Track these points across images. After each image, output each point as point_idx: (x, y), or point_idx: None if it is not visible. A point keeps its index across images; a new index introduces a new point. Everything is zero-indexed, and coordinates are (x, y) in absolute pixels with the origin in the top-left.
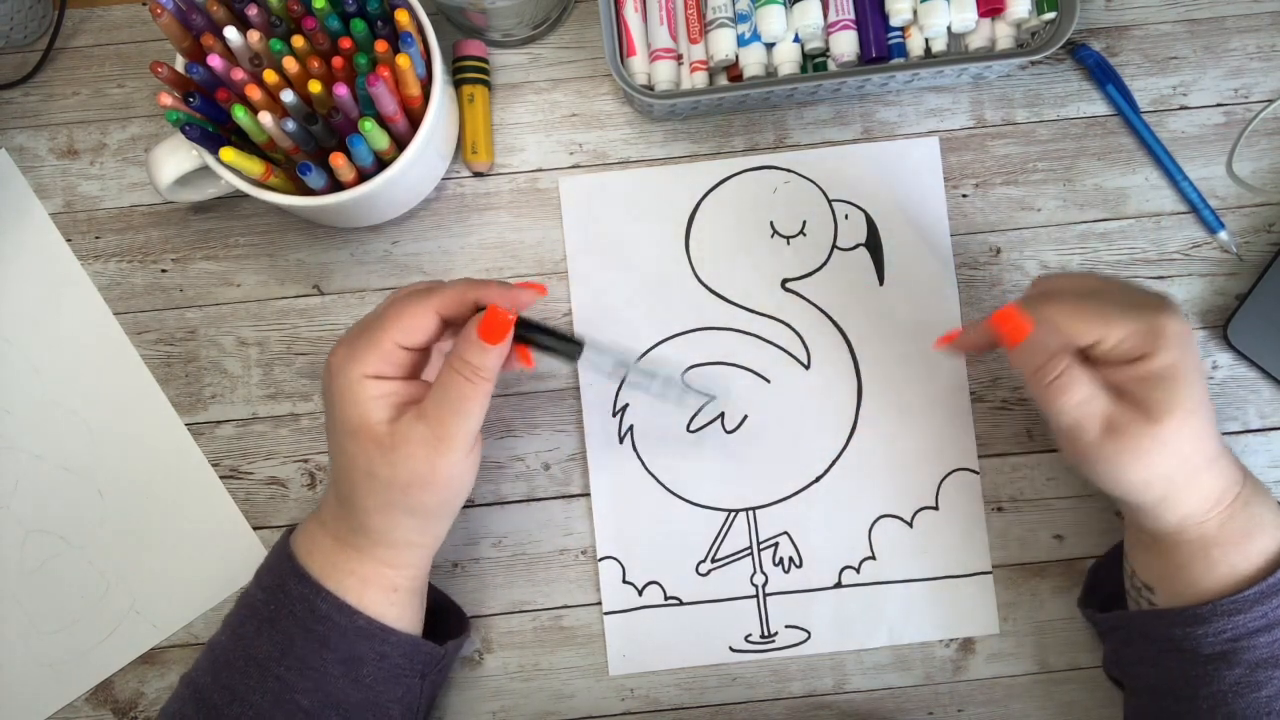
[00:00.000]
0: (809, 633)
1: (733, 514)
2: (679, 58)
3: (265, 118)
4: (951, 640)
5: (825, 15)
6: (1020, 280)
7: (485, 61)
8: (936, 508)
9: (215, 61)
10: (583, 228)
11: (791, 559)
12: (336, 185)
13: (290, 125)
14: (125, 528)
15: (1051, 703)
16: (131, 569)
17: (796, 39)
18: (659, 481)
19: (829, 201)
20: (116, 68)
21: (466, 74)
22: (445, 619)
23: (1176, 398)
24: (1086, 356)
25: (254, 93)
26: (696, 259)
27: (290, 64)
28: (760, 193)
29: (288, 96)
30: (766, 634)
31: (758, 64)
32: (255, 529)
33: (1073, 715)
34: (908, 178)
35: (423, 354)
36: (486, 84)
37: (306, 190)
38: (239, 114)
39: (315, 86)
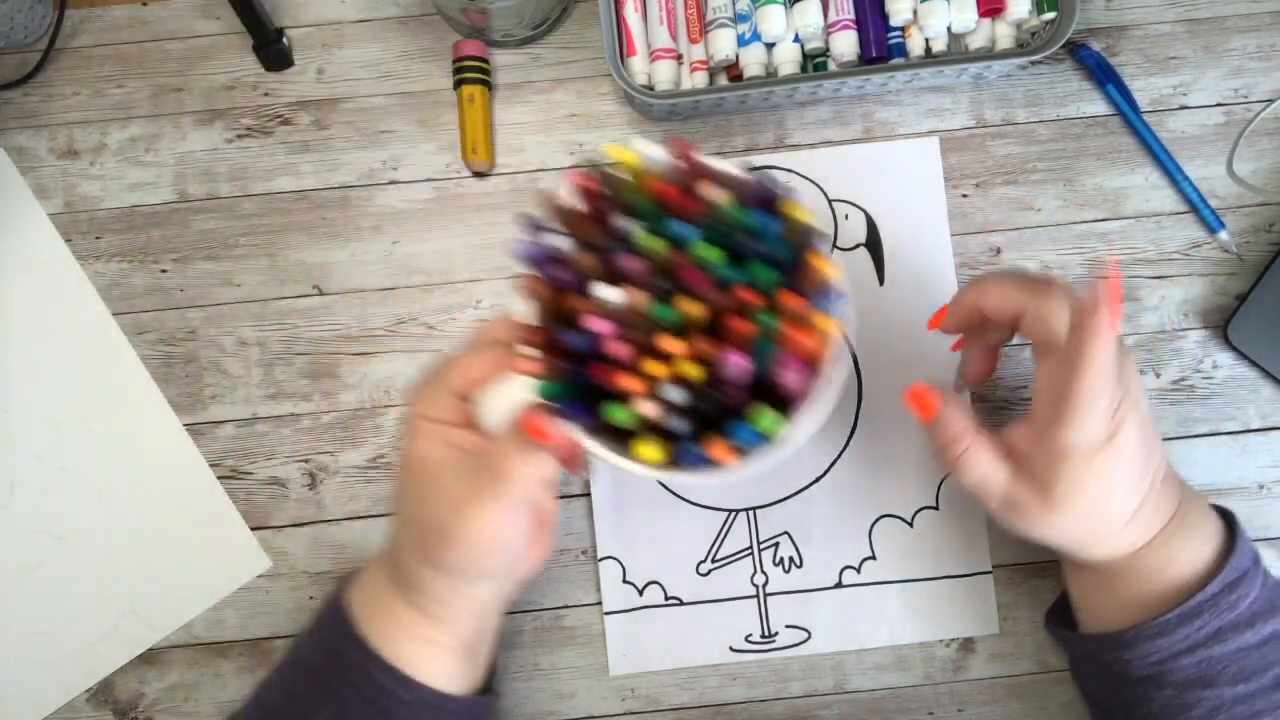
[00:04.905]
0: (809, 633)
1: (733, 514)
2: (679, 58)
3: (647, 408)
4: (951, 640)
5: (825, 15)
6: None
7: (485, 61)
8: (936, 508)
9: (597, 325)
10: None
11: (792, 559)
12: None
13: (676, 424)
14: (123, 528)
15: (1051, 703)
16: (129, 569)
17: (796, 39)
18: (659, 481)
19: (829, 201)
20: (116, 68)
21: (466, 74)
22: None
23: (1078, 490)
24: (1022, 334)
25: (632, 384)
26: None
27: (673, 345)
28: None
29: (673, 394)
30: (767, 634)
31: (758, 64)
32: (256, 529)
33: (1073, 715)
34: (908, 178)
35: None
36: (487, 84)
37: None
38: (617, 415)
39: (692, 370)
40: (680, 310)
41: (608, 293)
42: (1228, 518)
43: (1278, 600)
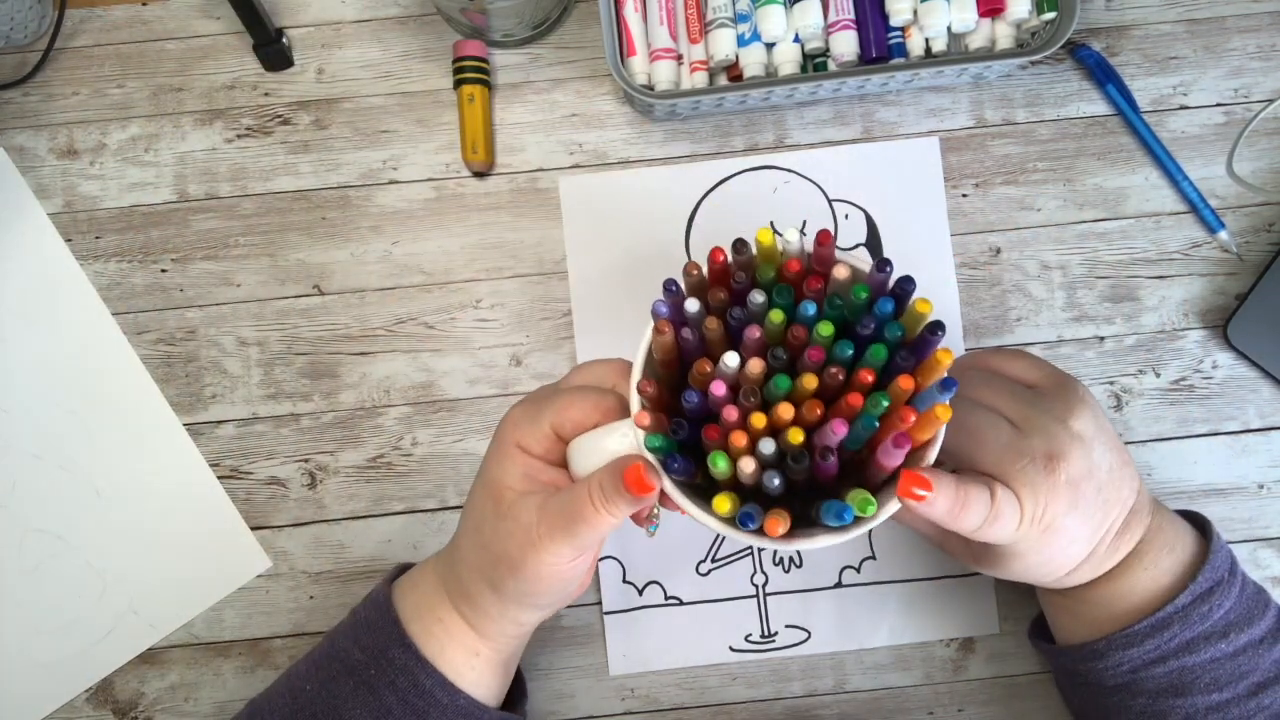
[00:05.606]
0: (809, 632)
1: None
2: (679, 58)
3: (747, 464)
4: (951, 640)
5: (825, 15)
6: (1020, 280)
7: (485, 61)
8: None
9: (719, 390)
10: (583, 228)
11: (791, 559)
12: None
13: (775, 482)
14: (123, 527)
15: (1051, 703)
16: (129, 569)
17: (796, 39)
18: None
19: (829, 201)
20: (116, 68)
21: (466, 74)
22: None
23: (1011, 563)
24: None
25: (739, 440)
26: (697, 259)
27: (785, 411)
28: (760, 193)
29: (766, 447)
30: (767, 634)
31: (758, 64)
32: (256, 529)
33: (1071, 715)
34: (908, 178)
35: None
36: (486, 84)
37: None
38: (719, 463)
39: (796, 436)
40: (800, 384)
41: (731, 359)
42: (1205, 527)
43: (1255, 609)
